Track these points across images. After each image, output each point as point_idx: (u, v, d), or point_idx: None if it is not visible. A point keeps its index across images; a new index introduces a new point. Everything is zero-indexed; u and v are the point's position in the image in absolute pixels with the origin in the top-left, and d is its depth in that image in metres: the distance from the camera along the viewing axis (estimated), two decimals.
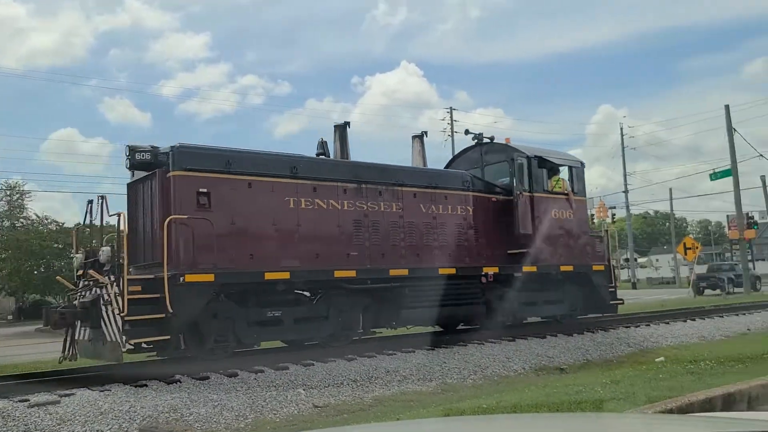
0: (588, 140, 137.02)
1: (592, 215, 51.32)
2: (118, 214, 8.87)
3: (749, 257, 37.21)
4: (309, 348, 10.50)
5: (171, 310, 8.27)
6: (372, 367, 9.55)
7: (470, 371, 9.92)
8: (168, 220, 8.64)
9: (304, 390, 8.29)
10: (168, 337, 8.50)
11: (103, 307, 8.35)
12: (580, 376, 8.38)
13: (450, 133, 41.95)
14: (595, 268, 13.75)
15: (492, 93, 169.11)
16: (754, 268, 45.95)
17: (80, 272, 9.40)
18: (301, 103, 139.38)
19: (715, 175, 32.29)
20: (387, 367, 9.62)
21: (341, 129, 11.72)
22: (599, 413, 3.92)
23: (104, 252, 8.76)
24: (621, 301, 14.62)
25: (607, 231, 17.92)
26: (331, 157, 11.28)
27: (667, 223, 67.30)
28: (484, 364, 10.27)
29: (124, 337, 8.06)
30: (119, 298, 8.10)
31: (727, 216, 45.41)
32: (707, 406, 4.55)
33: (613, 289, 14.31)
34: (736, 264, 35.40)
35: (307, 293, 10.13)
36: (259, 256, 9.46)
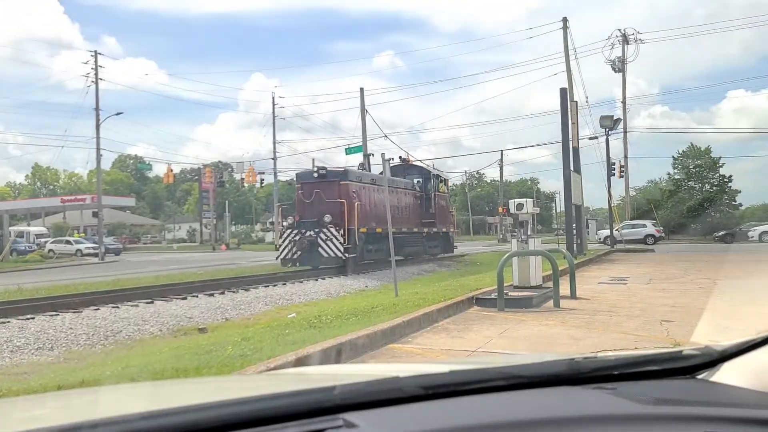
0: (241, 106, 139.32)
1: (242, 179, 52.72)
2: (341, 202, 19.06)
3: None
4: None
5: (357, 244, 18.99)
6: None
7: (101, 337, 9.28)
8: (357, 203, 19.25)
9: None
10: (356, 254, 19.13)
11: (322, 242, 18.81)
12: (216, 335, 8.55)
13: (94, 80, 37.99)
14: (451, 230, 27.74)
15: (145, 44, 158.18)
16: None
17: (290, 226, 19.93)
18: None
19: (349, 150, 36.05)
20: None
21: (366, 158, 26.00)
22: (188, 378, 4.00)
23: (327, 217, 18.74)
24: (456, 247, 28.23)
25: (453, 209, 30.77)
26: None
27: None
28: (117, 329, 9.71)
29: (346, 254, 18.68)
30: (342, 237, 18.62)
31: None
32: (322, 356, 5.10)
33: (454, 240, 28.27)
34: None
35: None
36: (369, 220, 20.05)
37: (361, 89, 36.09)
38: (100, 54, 39.10)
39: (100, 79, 38.41)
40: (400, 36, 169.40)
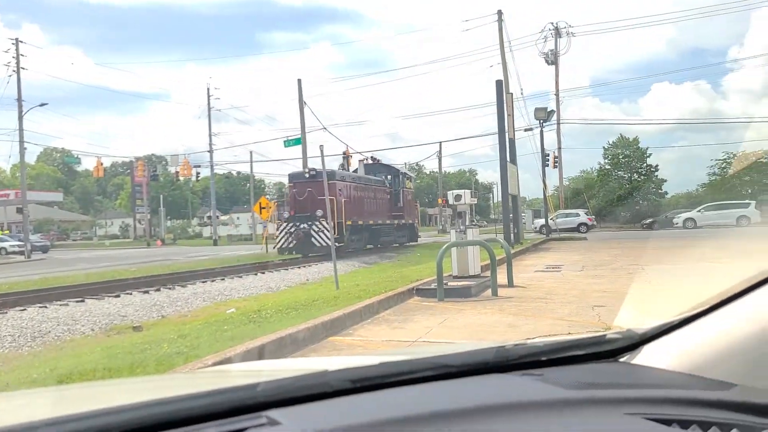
0: (174, 97, 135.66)
1: (177, 172, 51.32)
2: (331, 199, 17.38)
3: None
4: None
5: (345, 234, 21.92)
6: None
7: (28, 338, 8.88)
8: (343, 199, 21.91)
9: None
10: (343, 243, 21.66)
11: (314, 233, 21.90)
12: (151, 333, 8.31)
13: (16, 69, 36.11)
14: (416, 222, 31.70)
15: (72, 32, 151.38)
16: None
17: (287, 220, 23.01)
18: None
19: (288, 142, 35.74)
20: None
21: (344, 159, 32.15)
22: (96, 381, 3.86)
23: (320, 212, 20.98)
24: (420, 236, 32.56)
25: (417, 203, 34.42)
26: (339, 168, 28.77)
27: (248, 184, 71.89)
28: (45, 329, 9.31)
29: (336, 244, 16.97)
30: (329, 229, 16.47)
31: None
32: (261, 351, 5.04)
33: (418, 231, 32.63)
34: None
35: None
36: (352, 213, 22.98)
37: (299, 80, 35.84)
38: (21, 42, 37.21)
39: (23, 68, 36.60)
40: (337, 27, 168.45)
